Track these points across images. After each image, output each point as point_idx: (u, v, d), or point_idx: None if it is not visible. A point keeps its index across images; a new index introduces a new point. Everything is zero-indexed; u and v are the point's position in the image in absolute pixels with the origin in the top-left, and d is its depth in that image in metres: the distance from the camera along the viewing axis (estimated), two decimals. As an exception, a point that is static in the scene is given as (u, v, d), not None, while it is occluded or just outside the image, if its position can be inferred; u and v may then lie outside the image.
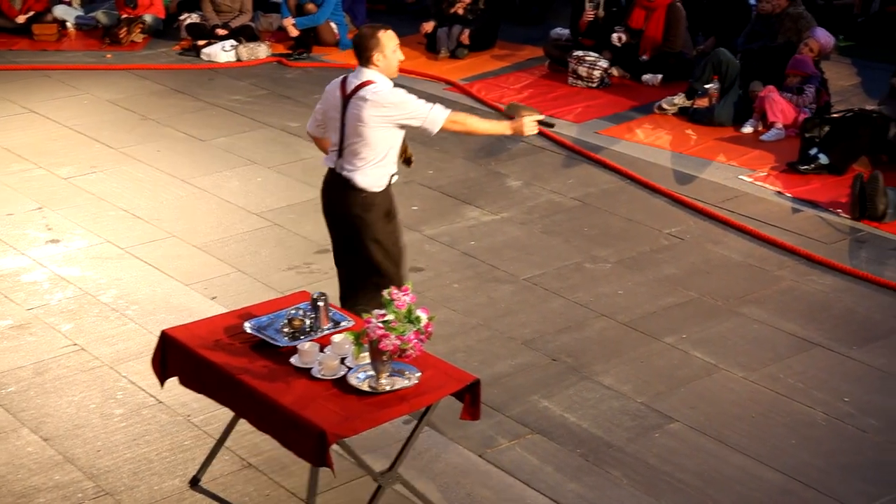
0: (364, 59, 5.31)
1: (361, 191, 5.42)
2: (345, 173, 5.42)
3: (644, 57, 10.42)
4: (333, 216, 5.60)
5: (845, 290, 6.66)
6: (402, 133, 5.44)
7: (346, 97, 5.33)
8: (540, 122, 5.57)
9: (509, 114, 5.67)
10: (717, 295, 6.61)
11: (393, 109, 5.28)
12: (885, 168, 8.06)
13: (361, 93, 5.28)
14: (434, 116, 5.32)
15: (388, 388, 4.46)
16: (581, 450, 5.20)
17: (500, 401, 5.53)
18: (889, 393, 5.61)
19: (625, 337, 6.17)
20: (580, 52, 10.45)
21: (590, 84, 10.33)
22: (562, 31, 11.11)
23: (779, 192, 8.03)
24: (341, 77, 5.45)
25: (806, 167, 8.24)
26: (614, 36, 10.46)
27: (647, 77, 10.38)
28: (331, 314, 4.95)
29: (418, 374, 4.53)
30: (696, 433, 5.30)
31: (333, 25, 11.59)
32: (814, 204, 7.81)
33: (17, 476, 4.93)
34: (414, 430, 4.59)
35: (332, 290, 6.31)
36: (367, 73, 5.32)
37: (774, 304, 6.50)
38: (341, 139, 5.38)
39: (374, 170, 5.41)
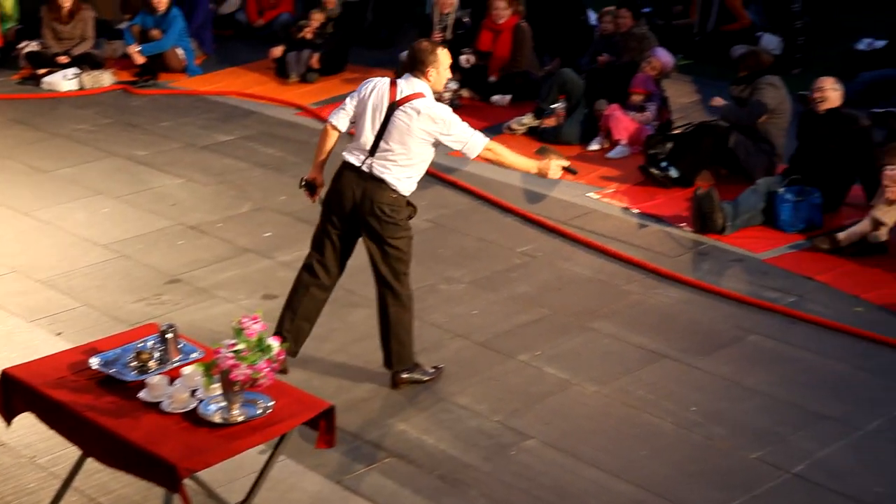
0: (419, 70, 5.53)
1: (394, 191, 5.59)
2: (377, 173, 5.55)
3: (492, 78, 10.57)
4: (354, 212, 5.66)
5: (690, 301, 6.87)
6: (434, 150, 5.63)
7: (395, 102, 5.48)
8: (565, 168, 5.82)
9: (539, 155, 5.91)
10: (568, 311, 6.73)
11: (442, 126, 5.49)
12: (726, 181, 8.36)
13: (415, 103, 5.47)
14: (474, 143, 5.56)
15: (240, 418, 4.41)
16: (439, 471, 5.22)
17: (357, 426, 5.52)
18: (734, 400, 5.80)
19: (480, 356, 6.23)
20: (430, 75, 10.53)
21: (440, 106, 10.40)
22: (411, 54, 11.18)
23: (625, 209, 8.24)
24: (387, 80, 5.59)
25: (657, 171, 8.44)
26: (462, 58, 10.58)
27: (496, 98, 10.53)
28: (180, 346, 4.86)
29: (271, 404, 4.48)
30: (551, 449, 5.38)
31: (180, 51, 11.43)
32: (659, 219, 8.04)
33: None
34: (268, 461, 4.55)
35: (183, 320, 6.24)
36: (419, 85, 5.52)
37: (624, 318, 6.66)
38: (377, 140, 5.51)
39: (407, 175, 5.59)
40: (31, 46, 11.30)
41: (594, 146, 9.39)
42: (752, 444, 5.41)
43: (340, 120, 5.70)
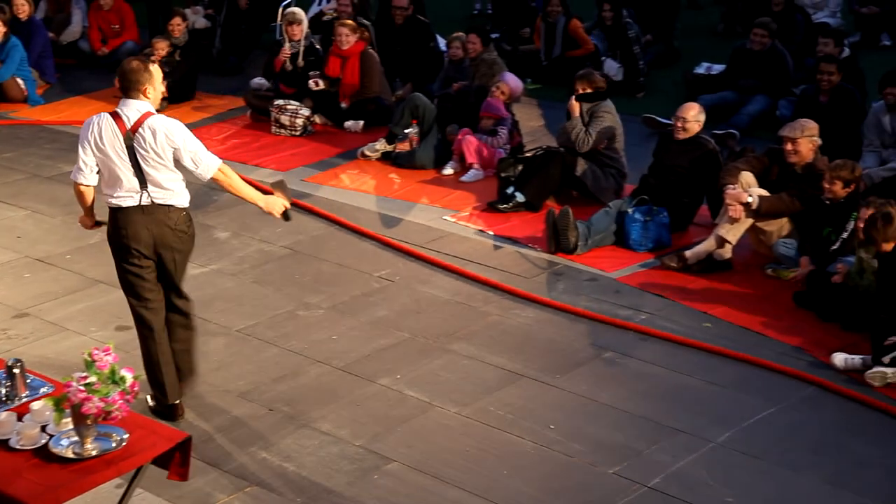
0: (136, 91, 5.40)
1: (182, 210, 5.57)
2: (160, 201, 5.47)
3: (343, 104, 10.58)
4: (166, 243, 5.56)
5: (546, 321, 6.98)
6: None
7: (130, 131, 5.36)
8: (283, 214, 5.70)
9: (273, 188, 5.85)
10: (428, 334, 6.76)
11: (180, 141, 5.41)
12: (576, 202, 8.54)
13: (148, 123, 5.37)
14: (209, 163, 5.50)
15: (94, 452, 4.31)
16: (301, 498, 5.17)
17: (216, 455, 5.43)
18: (591, 417, 5.91)
19: (340, 382, 6.21)
20: (282, 101, 10.49)
21: (293, 132, 10.38)
22: (261, 81, 11.12)
23: (481, 231, 8.34)
24: (105, 115, 5.43)
25: (505, 206, 8.60)
26: (310, 82, 10.57)
27: (349, 124, 10.54)
28: (28, 381, 4.73)
29: (126, 436, 4.40)
30: (414, 472, 5.39)
31: (20, 81, 11.12)
32: (513, 240, 8.15)
33: None
34: (124, 495, 4.44)
35: (32, 354, 6.06)
36: (143, 105, 5.43)
37: (482, 339, 6.72)
38: (139, 173, 5.40)
39: (182, 188, 5.56)
40: None
41: (448, 170, 9.48)
42: (610, 460, 5.52)
43: (87, 176, 5.50)
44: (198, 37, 12.17)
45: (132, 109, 5.41)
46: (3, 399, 4.60)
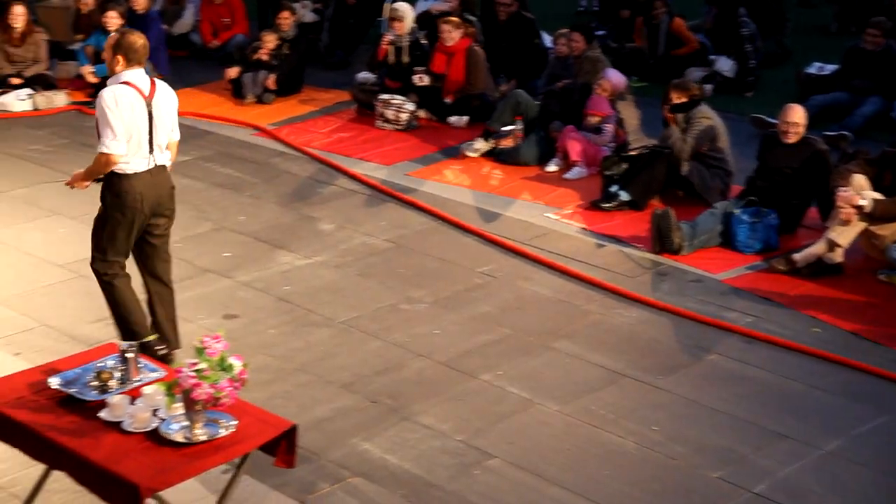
0: (141, 62, 5.82)
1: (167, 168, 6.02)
2: (162, 161, 5.91)
3: (448, 100, 10.61)
4: (163, 203, 5.96)
5: (650, 321, 6.91)
6: None
7: (149, 98, 5.76)
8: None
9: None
10: (529, 331, 6.75)
11: (176, 104, 6.01)
12: (682, 202, 8.44)
13: (162, 89, 5.87)
14: (178, 130, 6.07)
15: (203, 438, 4.38)
16: (403, 491, 5.20)
17: (320, 445, 5.49)
18: (693, 420, 5.84)
19: (442, 376, 6.23)
20: (387, 96, 10.57)
21: (397, 127, 10.44)
22: (367, 76, 11.21)
23: (584, 229, 8.29)
24: (124, 87, 5.72)
25: (608, 204, 8.53)
26: (415, 77, 10.62)
27: (452, 119, 10.57)
28: (141, 365, 4.83)
29: (234, 423, 4.46)
30: (515, 468, 5.38)
31: (135, 72, 11.34)
32: (617, 239, 8.09)
33: None
34: (231, 480, 4.51)
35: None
36: (144, 74, 5.83)
37: (584, 337, 6.69)
38: (150, 138, 5.79)
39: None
40: (-15, 69, 11.20)
41: (552, 167, 9.44)
42: (713, 464, 5.44)
43: (121, 147, 5.75)
44: (306, 31, 12.31)
45: (143, 79, 5.80)
46: (117, 382, 4.70)
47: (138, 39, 5.79)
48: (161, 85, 5.89)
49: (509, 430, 5.71)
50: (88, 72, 11.15)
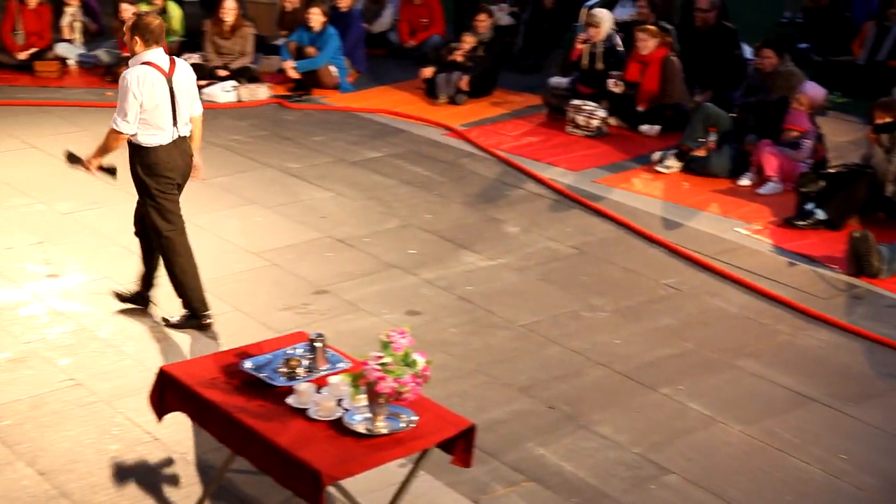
0: (160, 42, 6.21)
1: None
2: (185, 133, 6.34)
3: (641, 108, 10.49)
4: (188, 171, 6.46)
5: (841, 345, 6.67)
6: None
7: (169, 75, 6.19)
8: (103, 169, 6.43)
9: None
10: (713, 347, 6.61)
11: (193, 78, 6.39)
12: (882, 225, 8.11)
13: (181, 66, 6.30)
14: (200, 103, 6.47)
15: (384, 430, 4.46)
16: (576, 499, 5.17)
17: (495, 447, 5.51)
18: (885, 452, 5.60)
19: (621, 386, 6.17)
20: (578, 101, 10.53)
21: (587, 133, 10.39)
22: (560, 80, 11.19)
23: (775, 246, 8.06)
24: (143, 65, 6.12)
25: (803, 222, 8.28)
26: (610, 81, 10.54)
27: (644, 128, 10.45)
28: (328, 355, 4.95)
29: (415, 418, 4.53)
30: (693, 486, 5.28)
31: (333, 69, 11.66)
32: (810, 259, 7.83)
33: (10, 511, 4.91)
34: (410, 475, 4.58)
35: (328, 330, 6.33)
36: (163, 53, 6.26)
37: (771, 357, 6.50)
38: (174, 112, 6.22)
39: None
40: (193, 59, 11.67)
41: (745, 181, 9.22)
42: (905, 498, 5.22)
43: (131, 126, 6.18)
44: (502, 33, 12.38)
45: (162, 58, 6.21)
46: (304, 370, 4.83)
47: (154, 20, 6.19)
48: (180, 62, 6.31)
49: (688, 446, 5.61)
50: (290, 67, 11.51)
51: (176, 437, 5.39)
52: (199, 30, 12.10)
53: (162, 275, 6.62)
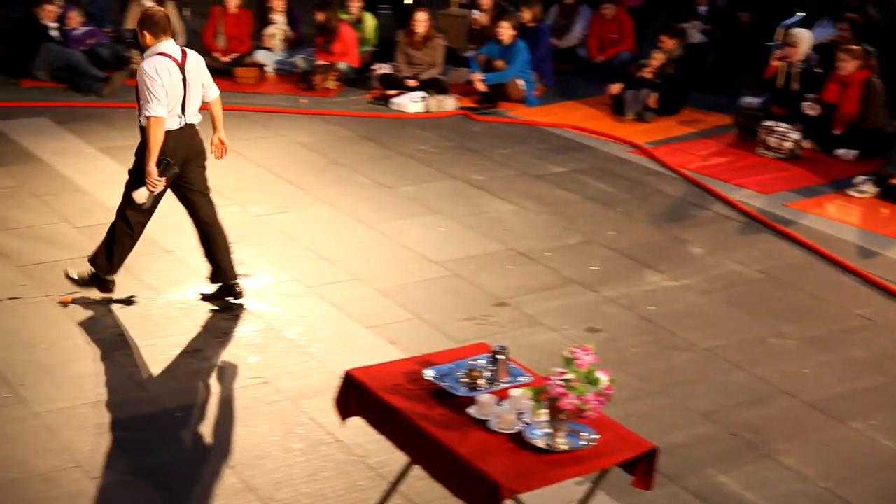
0: (168, 33, 6.59)
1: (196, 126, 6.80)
2: (192, 120, 6.69)
3: (837, 131, 10.14)
4: (193, 158, 6.77)
5: None
6: None
7: (182, 65, 6.56)
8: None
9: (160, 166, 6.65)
10: (908, 382, 6.33)
11: (205, 67, 6.75)
12: None
13: (192, 56, 6.67)
14: (216, 88, 6.85)
15: (564, 447, 4.42)
16: (758, 530, 5.03)
17: (675, 471, 5.40)
18: None
19: (809, 417, 5.96)
20: (771, 122, 10.26)
21: (779, 155, 10.11)
22: (752, 100, 10.92)
23: (979, 280, 7.66)
24: (161, 58, 6.47)
25: None
26: (805, 104, 10.23)
27: (840, 152, 10.09)
28: (510, 368, 4.94)
29: (596, 437, 4.46)
30: (883, 526, 5.07)
31: (520, 82, 11.70)
32: None
33: (202, 501, 5.08)
34: (589, 493, 4.52)
35: (510, 343, 6.32)
36: (175, 43, 6.67)
37: (971, 396, 6.17)
38: (184, 100, 6.57)
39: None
40: (384, 69, 11.93)
41: (948, 212, 8.80)
42: None
43: (164, 111, 6.50)
44: (693, 51, 12.18)
45: (174, 48, 6.58)
46: (486, 381, 4.83)
47: (157, 13, 6.61)
48: (191, 53, 6.68)
49: (880, 484, 5.36)
50: (478, 79, 11.60)
51: (357, 440, 5.48)
52: (391, 40, 12.34)
53: (233, 250, 7.07)
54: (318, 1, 12.19)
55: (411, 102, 11.42)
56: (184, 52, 6.63)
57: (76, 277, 6.92)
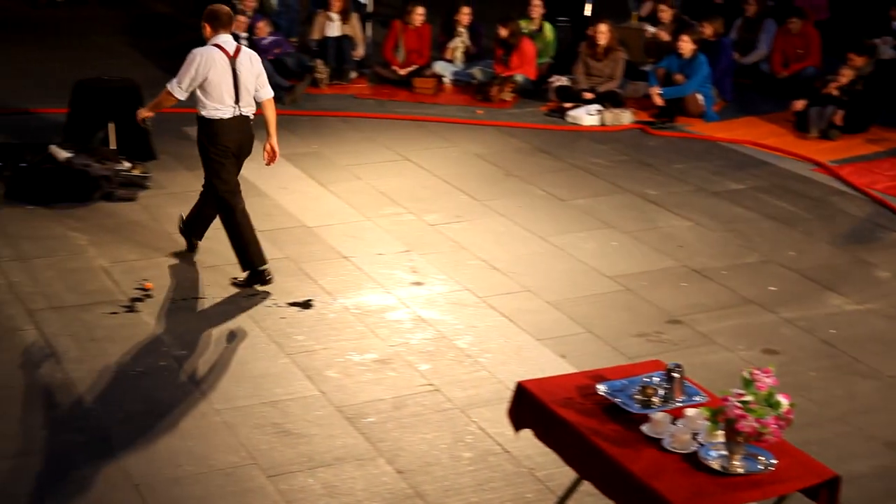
0: (229, 27, 7.09)
1: (252, 119, 7.28)
2: (247, 112, 7.15)
3: None
4: (245, 146, 7.26)
5: None
6: None
7: (233, 58, 7.03)
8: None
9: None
10: None
11: (259, 67, 7.18)
12: None
13: (246, 53, 7.14)
14: (268, 90, 7.25)
15: (740, 470, 4.31)
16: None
17: (859, 499, 5.19)
18: None
19: None
20: (966, 143, 9.80)
21: (974, 177, 9.65)
22: (946, 119, 10.46)
23: None
24: (211, 47, 7.01)
25: None
26: None
27: None
28: (685, 387, 4.86)
29: (774, 461, 4.34)
30: None
31: (700, 97, 11.50)
32: None
33: None
34: (772, 520, 4.40)
35: (683, 361, 6.19)
36: (232, 38, 7.12)
37: None
38: (236, 91, 7.04)
39: (253, 104, 7.24)
40: (561, 81, 11.91)
41: None
42: None
43: (184, 92, 7.07)
44: (884, 68, 11.73)
45: (229, 43, 7.05)
46: (660, 399, 4.75)
47: (222, 9, 7.08)
48: (246, 50, 7.14)
49: None
50: (656, 93, 11.45)
51: (526, 451, 5.47)
52: (568, 53, 12.32)
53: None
54: (502, 16, 12.27)
55: (587, 115, 11.36)
56: (238, 48, 7.10)
57: (241, 281, 7.35)
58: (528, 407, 4.91)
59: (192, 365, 6.34)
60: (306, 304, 7.12)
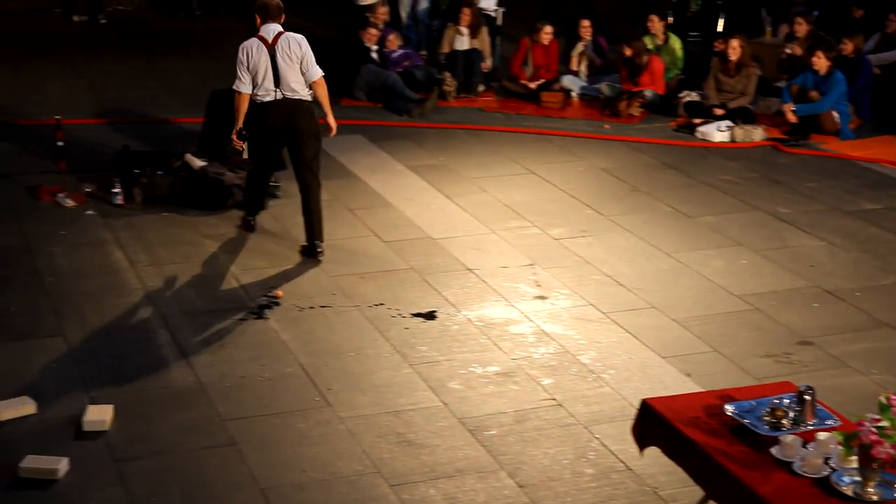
0: (276, 18, 7.65)
1: (310, 104, 7.77)
2: (293, 96, 7.64)
3: None
4: (290, 127, 7.71)
5: None
6: None
7: (272, 45, 7.56)
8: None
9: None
10: None
11: (305, 49, 7.60)
12: None
13: (286, 37, 7.59)
14: (316, 70, 7.65)
15: (874, 497, 4.20)
16: None
17: None
18: None
19: None
20: None
21: None
22: None
23: None
24: (253, 38, 7.61)
25: None
26: None
27: None
28: (817, 410, 4.74)
29: (910, 489, 4.21)
30: None
31: (835, 114, 11.20)
32: None
33: (492, 518, 5.18)
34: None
35: (813, 384, 6.03)
36: (278, 27, 7.62)
37: None
38: (276, 76, 7.57)
39: (305, 88, 7.70)
40: (691, 97, 11.75)
41: None
42: None
43: (246, 87, 7.62)
44: None
45: (269, 31, 7.58)
46: (790, 422, 4.65)
47: (272, 3, 7.60)
48: (288, 35, 7.58)
49: None
50: (789, 110, 11.20)
51: (650, 470, 5.40)
52: (698, 68, 12.15)
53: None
54: (628, 37, 12.18)
55: (717, 131, 11.17)
56: (279, 35, 7.57)
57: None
58: (653, 425, 4.85)
59: (317, 372, 6.43)
60: (430, 315, 7.16)
